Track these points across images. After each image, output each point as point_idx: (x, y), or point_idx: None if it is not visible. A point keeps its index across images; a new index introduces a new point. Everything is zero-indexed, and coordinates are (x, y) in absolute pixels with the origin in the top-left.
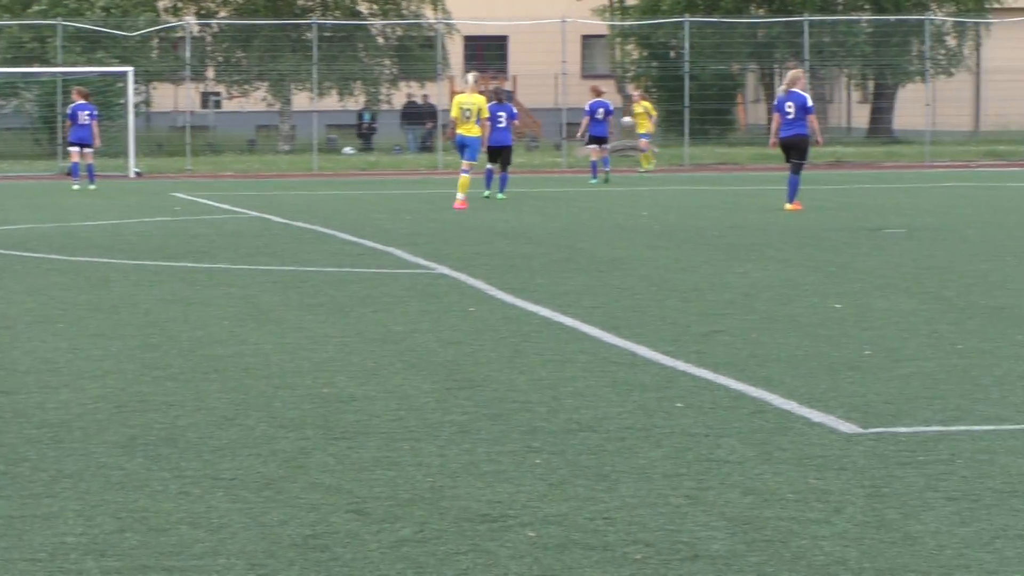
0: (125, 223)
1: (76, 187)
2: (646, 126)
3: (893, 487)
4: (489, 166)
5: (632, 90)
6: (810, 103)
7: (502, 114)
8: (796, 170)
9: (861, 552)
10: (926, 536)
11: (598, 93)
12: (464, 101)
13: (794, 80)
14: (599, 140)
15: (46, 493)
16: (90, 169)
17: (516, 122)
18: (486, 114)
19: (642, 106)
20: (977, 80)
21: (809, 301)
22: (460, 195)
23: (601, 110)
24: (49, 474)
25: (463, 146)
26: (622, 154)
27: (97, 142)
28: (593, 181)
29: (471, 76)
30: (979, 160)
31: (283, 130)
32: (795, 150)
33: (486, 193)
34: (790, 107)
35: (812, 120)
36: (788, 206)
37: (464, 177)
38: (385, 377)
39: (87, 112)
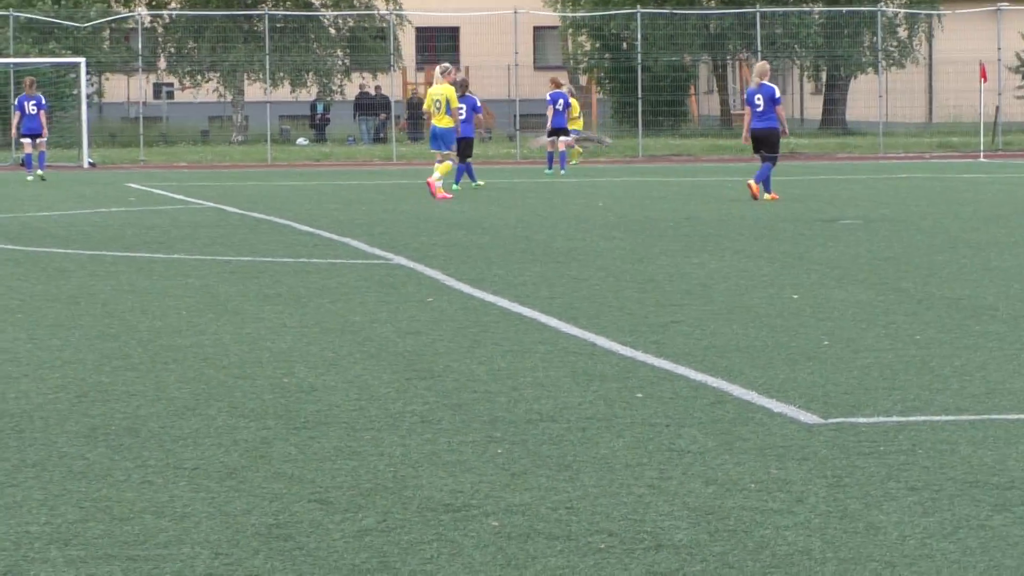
0: (80, 213)
1: (30, 178)
2: (575, 122)
3: (855, 477)
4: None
5: (558, 84)
6: (778, 95)
7: (462, 106)
8: (771, 162)
9: (824, 542)
10: (888, 526)
11: (557, 85)
12: (435, 92)
13: (762, 73)
14: (559, 132)
15: (9, 483)
16: (41, 158)
17: (479, 115)
18: (455, 104)
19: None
20: (929, 72)
21: (766, 292)
22: (439, 183)
23: (561, 101)
24: (11, 464)
25: (435, 137)
26: (579, 145)
27: (44, 132)
28: (548, 172)
29: (439, 68)
30: (932, 151)
31: (236, 121)
32: (766, 143)
33: (455, 186)
34: (759, 100)
35: (780, 112)
36: (766, 196)
37: (440, 166)
38: (345, 367)
39: (33, 102)
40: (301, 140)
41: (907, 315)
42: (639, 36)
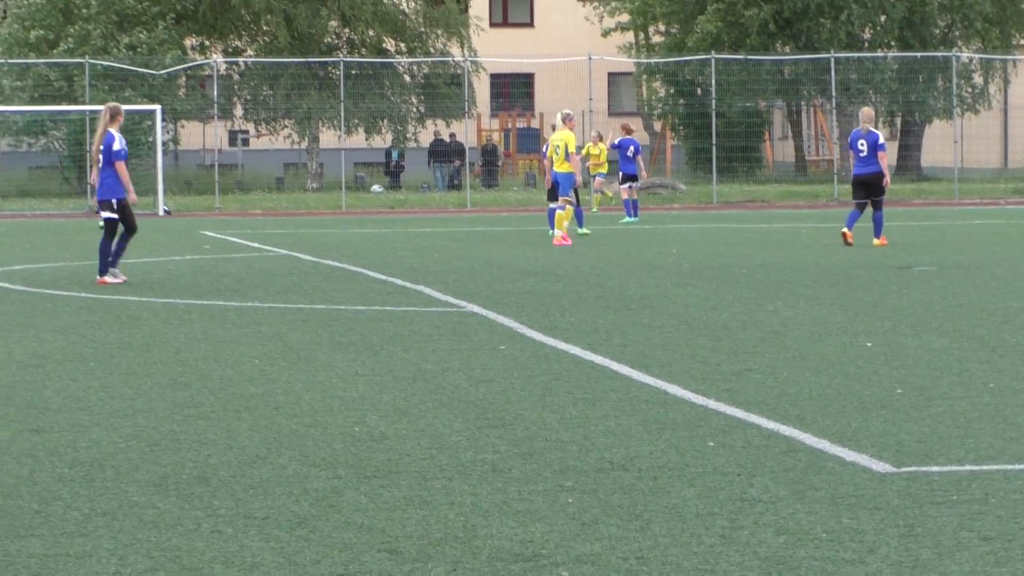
0: (155, 261)
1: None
2: (599, 167)
3: (927, 527)
4: (551, 204)
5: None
6: (882, 141)
7: (631, 147)
8: (877, 207)
9: None
10: None
11: (628, 131)
12: (555, 139)
13: (868, 118)
14: (630, 178)
15: (79, 532)
16: None
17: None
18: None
19: (598, 147)
20: (1005, 117)
21: (840, 339)
22: (559, 232)
23: (631, 148)
24: (82, 513)
25: (557, 183)
26: (652, 191)
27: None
28: (626, 220)
29: (560, 114)
30: (1008, 197)
31: (311, 168)
32: (871, 187)
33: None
34: (863, 145)
35: (883, 158)
36: (876, 241)
37: (560, 213)
38: (416, 416)
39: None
40: (376, 187)
41: (981, 363)
42: (713, 82)
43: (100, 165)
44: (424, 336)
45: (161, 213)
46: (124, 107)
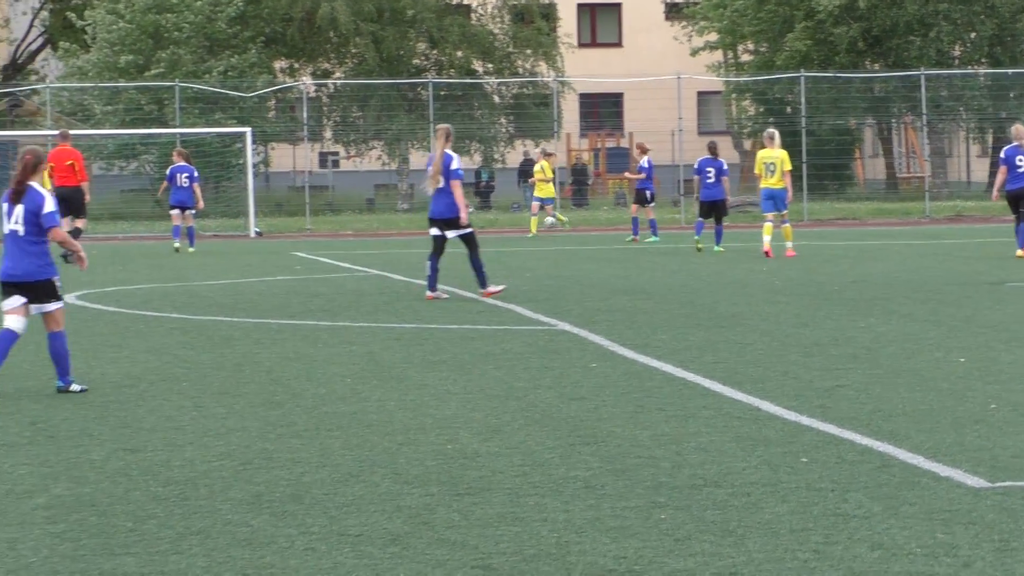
0: (246, 282)
1: (177, 246)
2: (545, 189)
3: (1022, 541)
4: (700, 219)
5: (537, 151)
6: None
7: (711, 169)
8: (1020, 219)
9: None
10: None
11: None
12: (766, 156)
13: (1019, 135)
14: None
15: (173, 550)
16: (190, 232)
17: (726, 178)
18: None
19: (540, 165)
20: None
21: (933, 355)
22: (767, 238)
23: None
24: (176, 531)
25: (771, 198)
26: (742, 209)
27: (199, 204)
28: (651, 239)
29: (766, 133)
30: None
31: (401, 189)
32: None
33: (699, 245)
34: (1021, 161)
35: None
36: (1019, 252)
37: (767, 225)
38: (508, 433)
39: (186, 175)
40: None
41: None
42: (803, 100)
43: (441, 184)
44: (516, 354)
45: (252, 234)
46: (213, 130)
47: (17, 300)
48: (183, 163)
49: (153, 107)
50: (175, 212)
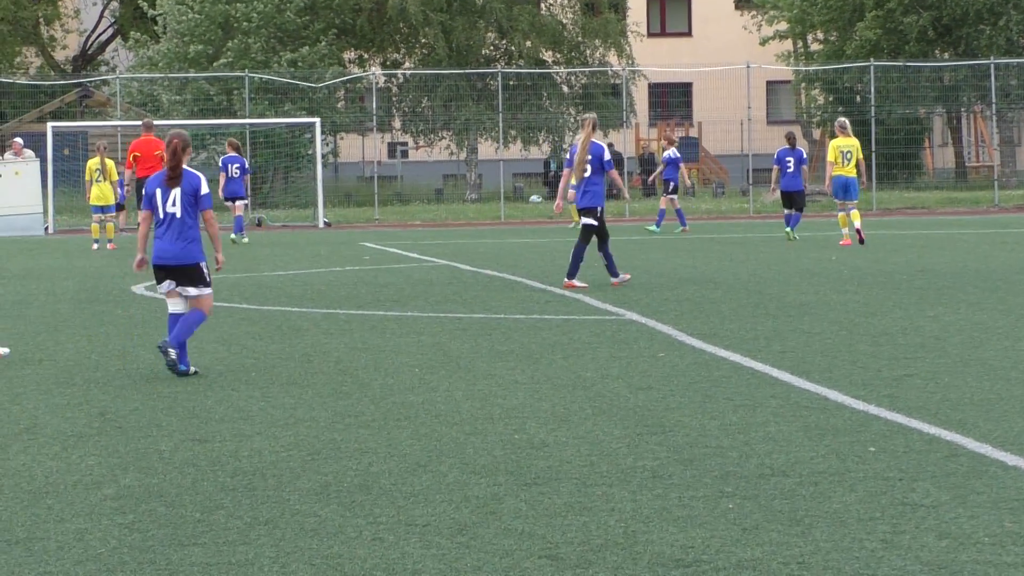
0: (315, 272)
1: (233, 238)
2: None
3: None
4: (785, 211)
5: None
6: None
7: (791, 159)
8: None
9: None
10: None
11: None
12: (842, 144)
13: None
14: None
15: (241, 540)
16: (238, 222)
17: (805, 167)
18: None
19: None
20: None
21: (1001, 344)
22: (845, 230)
23: (791, 160)
24: (244, 521)
25: (845, 187)
26: (812, 199)
27: (247, 194)
28: (678, 230)
29: (845, 120)
30: None
31: (470, 179)
32: None
33: (790, 236)
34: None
35: None
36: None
37: (842, 216)
38: (576, 423)
39: (236, 165)
40: (534, 197)
41: None
42: (872, 89)
43: (588, 174)
44: (583, 344)
45: (321, 225)
46: (283, 120)
47: (170, 284)
48: (234, 153)
49: (222, 97)
50: (230, 204)
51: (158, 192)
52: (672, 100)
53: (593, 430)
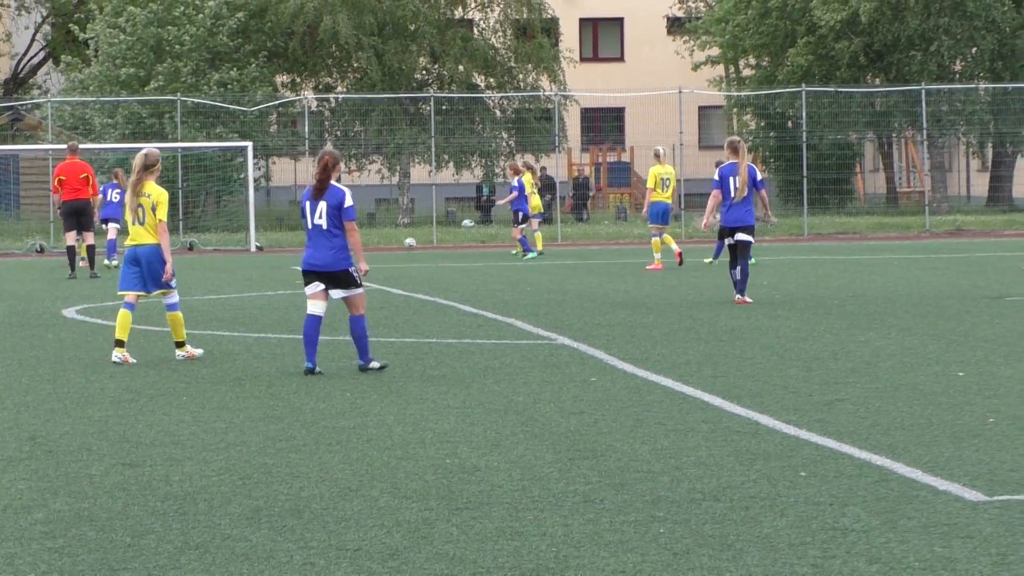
0: (246, 296)
1: (106, 263)
2: (535, 203)
3: (1020, 554)
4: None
5: (520, 165)
6: None
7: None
8: None
9: None
10: None
11: (515, 171)
12: (660, 171)
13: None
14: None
15: (172, 565)
16: (110, 245)
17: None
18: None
19: (527, 180)
20: None
21: (932, 369)
22: (658, 255)
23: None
24: (175, 546)
25: (663, 212)
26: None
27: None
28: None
29: (661, 148)
30: None
31: (402, 203)
32: None
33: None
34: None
35: None
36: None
37: (655, 240)
38: (508, 447)
39: (118, 191)
40: (467, 222)
41: None
42: (804, 114)
43: (745, 194)
44: (515, 368)
45: (253, 249)
46: (214, 144)
47: (317, 286)
48: (116, 182)
49: (154, 120)
50: (104, 226)
51: (307, 205)
52: (604, 125)
53: (525, 455)
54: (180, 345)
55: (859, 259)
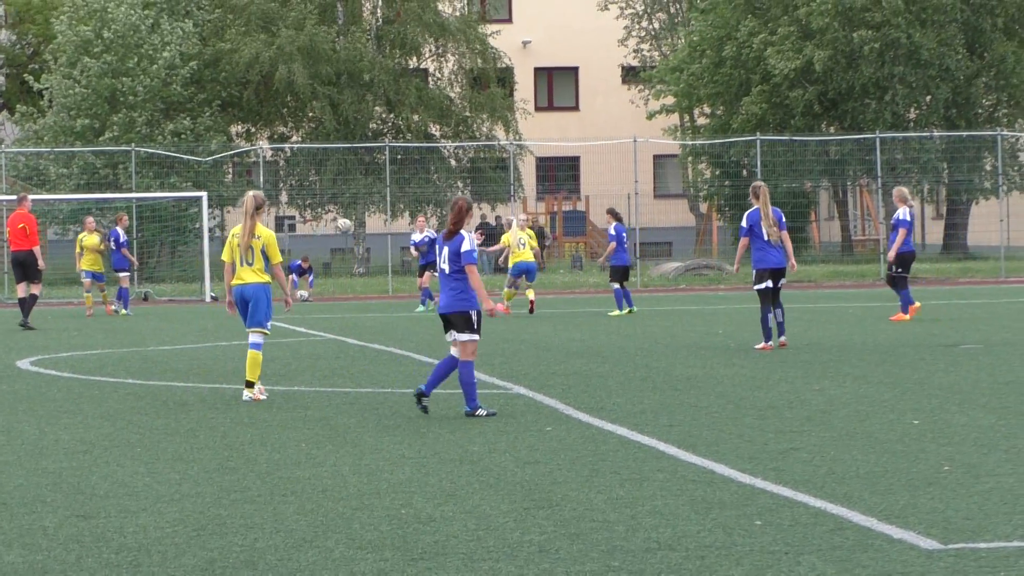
0: (202, 347)
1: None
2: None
3: None
4: (616, 286)
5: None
6: None
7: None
8: None
9: None
10: None
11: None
12: (518, 235)
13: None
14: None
15: None
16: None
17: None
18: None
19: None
20: None
21: (887, 417)
22: (507, 302)
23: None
24: None
25: (525, 270)
26: (698, 272)
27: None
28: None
29: (517, 217)
30: None
31: (358, 253)
32: None
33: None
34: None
35: None
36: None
37: (507, 291)
38: (463, 497)
39: (114, 237)
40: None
41: None
42: (759, 162)
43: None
44: (471, 419)
45: (208, 299)
46: (169, 195)
47: (451, 335)
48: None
49: (108, 171)
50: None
51: (437, 249)
52: (560, 174)
53: (480, 504)
54: (250, 385)
55: (814, 307)
